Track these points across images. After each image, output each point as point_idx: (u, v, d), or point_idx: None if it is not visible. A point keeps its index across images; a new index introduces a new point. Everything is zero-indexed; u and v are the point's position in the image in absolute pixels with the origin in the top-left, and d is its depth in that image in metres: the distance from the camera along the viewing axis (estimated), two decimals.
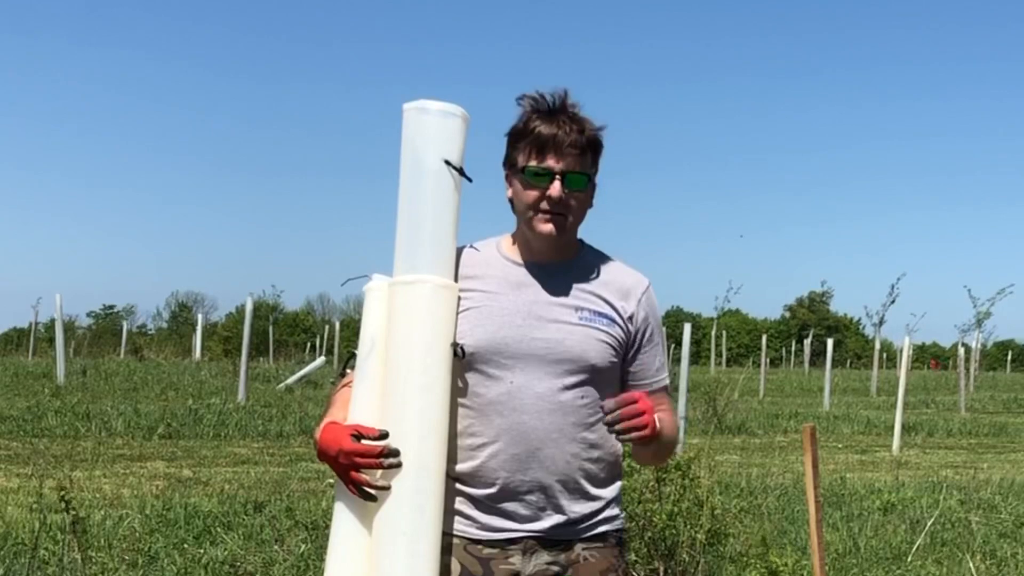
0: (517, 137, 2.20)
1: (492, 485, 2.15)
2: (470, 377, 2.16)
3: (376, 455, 2.03)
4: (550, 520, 2.16)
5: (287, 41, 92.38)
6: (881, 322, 30.82)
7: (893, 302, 29.98)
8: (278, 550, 5.76)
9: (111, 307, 58.83)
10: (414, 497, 2.06)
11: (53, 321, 23.41)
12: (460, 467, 2.17)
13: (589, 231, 2.29)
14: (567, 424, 2.15)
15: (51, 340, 25.78)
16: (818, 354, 39.29)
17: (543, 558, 2.17)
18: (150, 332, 55.64)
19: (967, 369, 25.21)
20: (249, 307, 16.94)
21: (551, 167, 2.15)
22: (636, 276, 2.29)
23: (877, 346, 32.48)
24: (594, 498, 2.20)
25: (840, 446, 14.10)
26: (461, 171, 2.17)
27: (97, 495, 7.77)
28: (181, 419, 12.85)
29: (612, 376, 2.22)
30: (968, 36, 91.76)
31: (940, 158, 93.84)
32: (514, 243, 2.27)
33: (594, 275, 2.24)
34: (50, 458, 9.61)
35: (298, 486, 8.44)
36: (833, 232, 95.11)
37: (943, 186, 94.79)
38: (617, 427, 2.02)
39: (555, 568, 2.17)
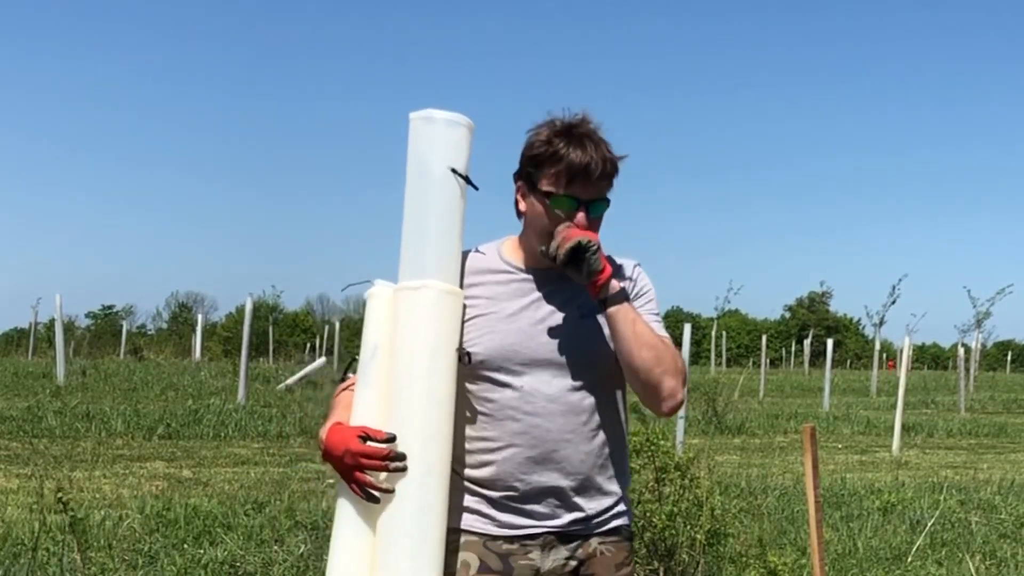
0: (542, 160, 2.18)
1: (509, 488, 2.18)
2: (481, 383, 2.19)
3: (382, 457, 2.06)
4: (568, 517, 2.20)
5: (285, 44, 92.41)
6: (881, 322, 30.87)
7: (894, 302, 30.03)
8: (278, 550, 5.76)
9: (110, 307, 58.82)
10: (419, 499, 2.07)
11: (53, 321, 23.38)
12: (477, 472, 2.20)
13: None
14: (579, 424, 2.18)
15: (51, 340, 25.76)
16: (818, 354, 39.32)
17: (561, 553, 2.20)
18: (150, 332, 55.68)
19: (967, 369, 25.20)
20: (249, 307, 16.93)
21: (579, 196, 2.17)
22: (625, 260, 2.34)
23: (877, 346, 32.47)
24: (608, 494, 2.25)
25: (840, 446, 14.09)
26: (467, 179, 2.19)
27: (97, 495, 7.77)
28: (181, 419, 12.85)
29: (618, 368, 2.23)
30: (966, 39, 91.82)
31: (940, 159, 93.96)
32: (518, 249, 2.29)
33: None
34: (50, 458, 9.61)
35: (298, 486, 8.44)
36: (833, 232, 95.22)
37: (943, 186, 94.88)
38: (559, 251, 2.10)
39: (573, 563, 2.21)
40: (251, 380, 17.57)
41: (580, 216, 2.16)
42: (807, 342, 42.16)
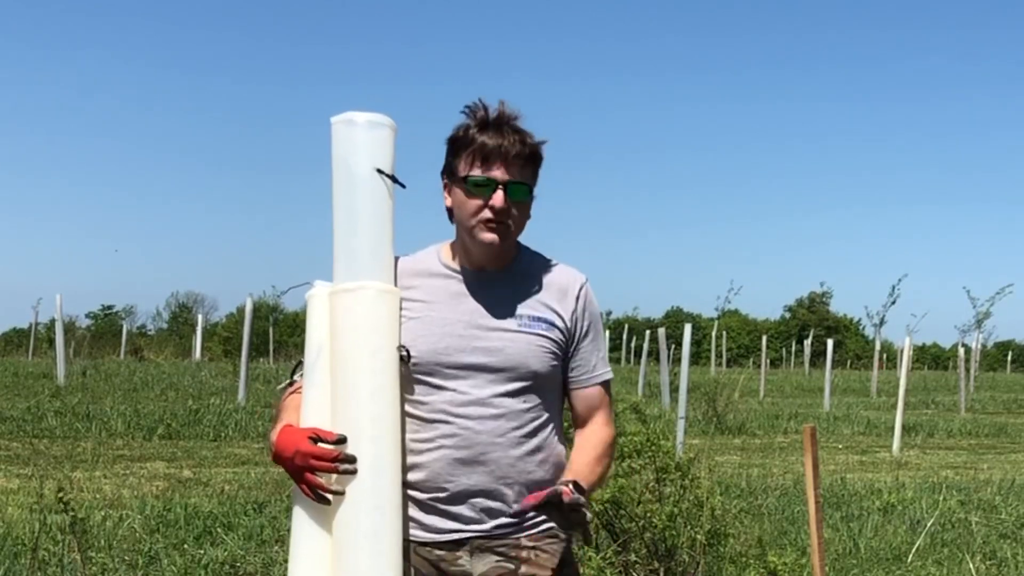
0: (459, 146, 2.22)
1: (438, 490, 2.18)
2: (414, 386, 2.20)
3: (332, 459, 2.07)
4: (493, 522, 2.20)
5: (286, 40, 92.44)
6: (881, 323, 30.81)
7: (894, 303, 29.97)
8: (278, 550, 5.77)
9: (110, 307, 58.77)
10: (373, 498, 2.09)
11: (53, 321, 23.39)
12: (407, 475, 2.20)
13: (590, 230, 2.30)
14: (509, 429, 2.19)
15: (51, 340, 25.77)
16: (818, 354, 39.26)
17: (492, 558, 2.20)
18: (150, 333, 55.61)
19: (967, 369, 25.19)
20: (249, 307, 16.95)
21: (495, 177, 2.17)
22: (572, 274, 2.32)
23: (877, 347, 32.45)
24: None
25: (840, 447, 14.10)
26: (394, 178, 2.21)
27: (97, 496, 7.78)
28: (181, 420, 12.87)
29: (554, 380, 2.27)
30: (969, 34, 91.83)
31: (940, 158, 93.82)
32: (453, 251, 2.30)
33: (533, 279, 2.28)
34: (50, 459, 9.62)
35: None
36: (833, 232, 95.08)
37: (943, 186, 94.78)
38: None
39: (510, 566, 2.19)
40: (251, 380, 17.57)
41: (498, 196, 2.16)
42: (807, 342, 42.07)
